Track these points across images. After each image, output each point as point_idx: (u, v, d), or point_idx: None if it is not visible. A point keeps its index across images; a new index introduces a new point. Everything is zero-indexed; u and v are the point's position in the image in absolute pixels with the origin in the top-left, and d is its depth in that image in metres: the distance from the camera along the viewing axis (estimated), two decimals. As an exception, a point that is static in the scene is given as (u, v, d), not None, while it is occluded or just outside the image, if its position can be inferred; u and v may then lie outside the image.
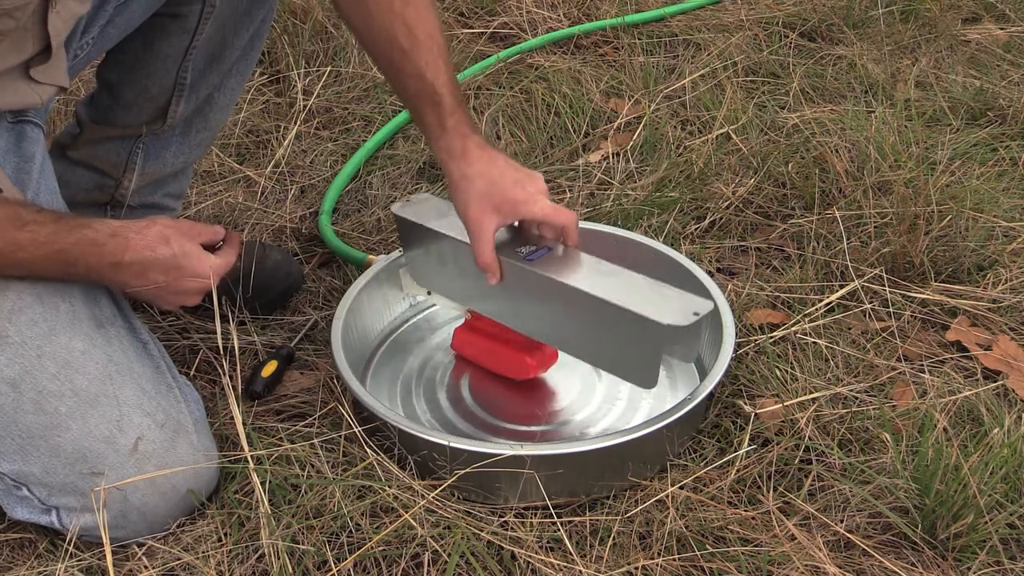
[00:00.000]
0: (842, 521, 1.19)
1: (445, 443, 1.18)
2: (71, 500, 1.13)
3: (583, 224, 1.54)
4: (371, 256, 1.52)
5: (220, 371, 1.35)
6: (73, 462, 1.11)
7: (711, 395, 1.27)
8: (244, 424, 1.19)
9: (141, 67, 1.39)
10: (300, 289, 1.57)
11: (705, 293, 1.40)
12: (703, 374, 1.41)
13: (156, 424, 1.15)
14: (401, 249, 1.47)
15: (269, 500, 1.14)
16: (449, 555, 1.11)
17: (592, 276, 1.26)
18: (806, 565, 1.12)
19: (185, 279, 1.19)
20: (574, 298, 1.25)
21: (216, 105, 1.48)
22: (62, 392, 1.11)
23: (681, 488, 1.21)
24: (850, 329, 1.47)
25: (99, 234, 1.14)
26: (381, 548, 1.12)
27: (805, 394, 1.33)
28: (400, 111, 1.99)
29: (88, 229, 1.14)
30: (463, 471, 1.17)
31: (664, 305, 1.20)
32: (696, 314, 1.18)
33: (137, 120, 1.44)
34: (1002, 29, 2.40)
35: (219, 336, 1.40)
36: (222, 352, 1.40)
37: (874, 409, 1.31)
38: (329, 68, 2.09)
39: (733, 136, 1.91)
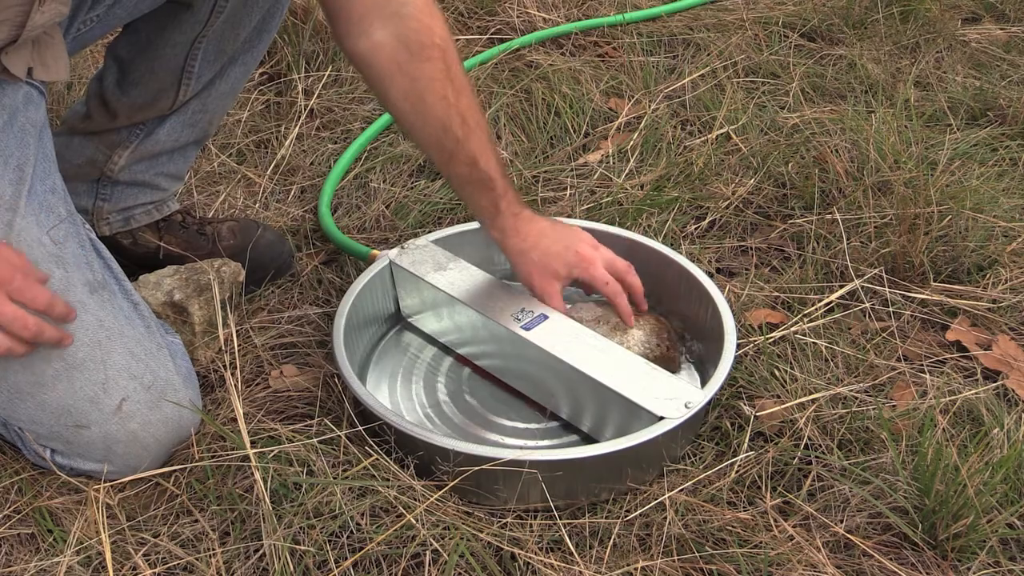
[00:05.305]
0: (842, 521, 1.19)
1: (444, 445, 1.18)
2: (58, 445, 1.22)
3: (584, 223, 1.55)
4: (374, 251, 1.52)
5: (221, 369, 1.35)
6: (58, 416, 1.19)
7: (710, 400, 1.27)
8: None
9: (152, 49, 1.42)
10: (291, 268, 1.60)
11: (705, 295, 1.41)
12: (704, 373, 1.41)
13: (143, 386, 1.21)
14: (397, 291, 1.49)
15: (270, 499, 1.14)
16: (449, 555, 1.11)
17: (588, 352, 1.29)
18: (806, 566, 1.12)
19: None
20: (568, 373, 1.28)
21: (215, 91, 1.50)
22: (50, 356, 1.17)
23: (680, 491, 1.21)
24: (850, 329, 1.47)
25: None
26: (381, 548, 1.13)
27: (805, 394, 1.33)
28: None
29: None
30: (465, 472, 1.17)
31: (658, 392, 1.23)
32: (687, 405, 1.21)
33: (143, 98, 1.46)
34: (1002, 29, 2.40)
35: (220, 334, 1.40)
36: (223, 349, 1.40)
37: (874, 409, 1.31)
38: (330, 69, 2.09)
39: (733, 136, 1.92)
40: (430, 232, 1.56)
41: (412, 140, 1.35)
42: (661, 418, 1.20)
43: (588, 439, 1.31)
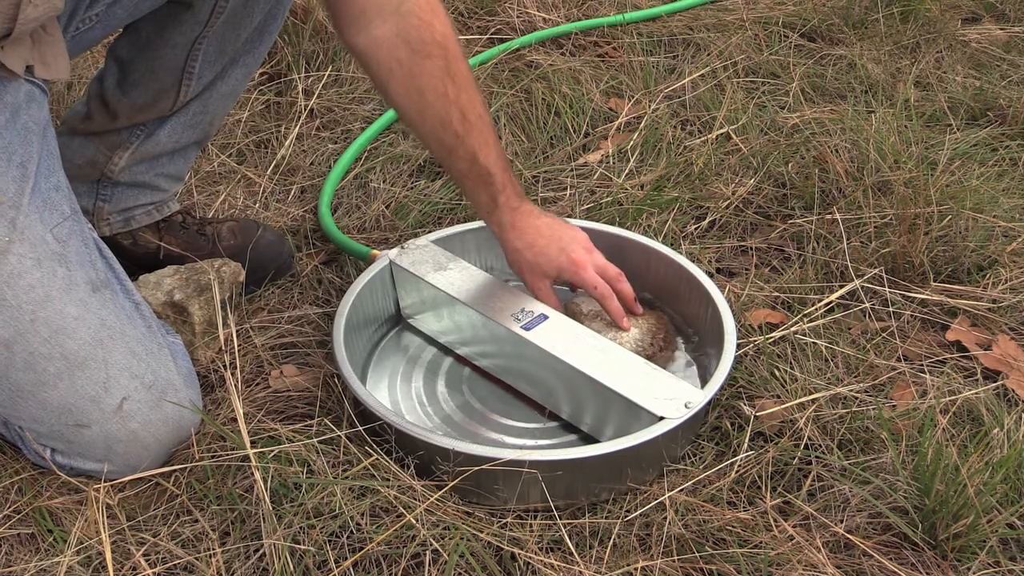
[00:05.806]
0: (842, 521, 1.19)
1: (444, 445, 1.18)
2: (58, 444, 1.22)
3: (584, 223, 1.55)
4: (374, 251, 1.52)
5: (221, 369, 1.35)
6: (59, 415, 1.19)
7: (710, 400, 1.27)
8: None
9: (152, 49, 1.43)
10: (291, 268, 1.60)
11: (705, 295, 1.40)
12: (703, 374, 1.41)
13: (144, 386, 1.21)
14: (397, 290, 1.50)
15: (270, 499, 1.14)
16: (449, 555, 1.11)
17: (588, 352, 1.29)
18: (806, 566, 1.12)
19: None
20: (568, 373, 1.28)
21: (216, 92, 1.50)
22: (51, 355, 1.16)
23: (680, 491, 1.21)
24: (850, 329, 1.47)
25: None
26: (381, 548, 1.13)
27: (805, 394, 1.33)
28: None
29: None
30: (465, 472, 1.17)
31: (658, 392, 1.23)
32: (687, 405, 1.21)
33: (143, 99, 1.47)
34: (1002, 29, 2.40)
35: (220, 334, 1.40)
36: (223, 349, 1.40)
37: (874, 409, 1.31)
38: (329, 69, 2.09)
39: (733, 136, 1.92)
40: (430, 232, 1.56)
41: (413, 134, 1.37)
42: (661, 418, 1.20)
43: (588, 439, 1.31)
